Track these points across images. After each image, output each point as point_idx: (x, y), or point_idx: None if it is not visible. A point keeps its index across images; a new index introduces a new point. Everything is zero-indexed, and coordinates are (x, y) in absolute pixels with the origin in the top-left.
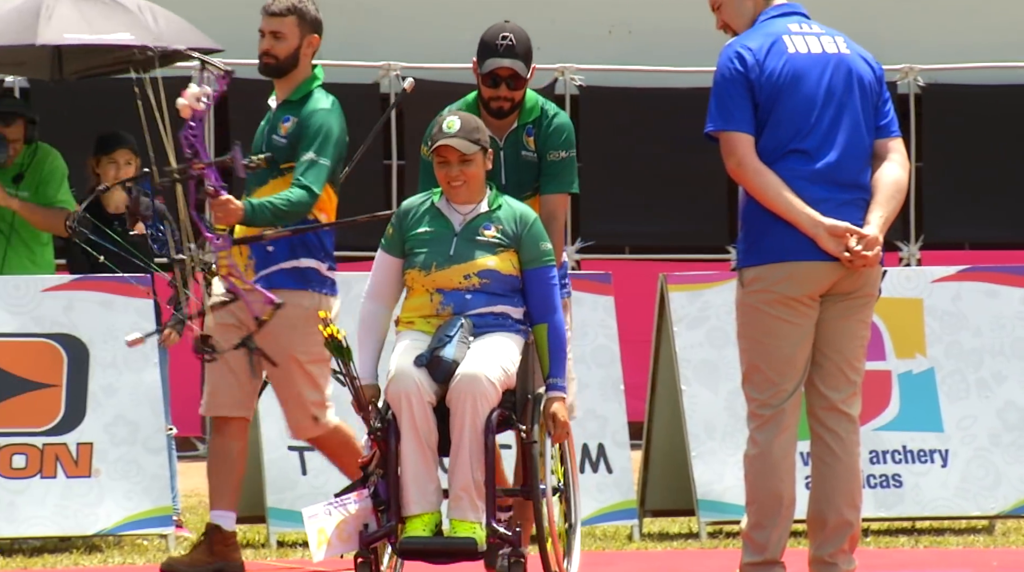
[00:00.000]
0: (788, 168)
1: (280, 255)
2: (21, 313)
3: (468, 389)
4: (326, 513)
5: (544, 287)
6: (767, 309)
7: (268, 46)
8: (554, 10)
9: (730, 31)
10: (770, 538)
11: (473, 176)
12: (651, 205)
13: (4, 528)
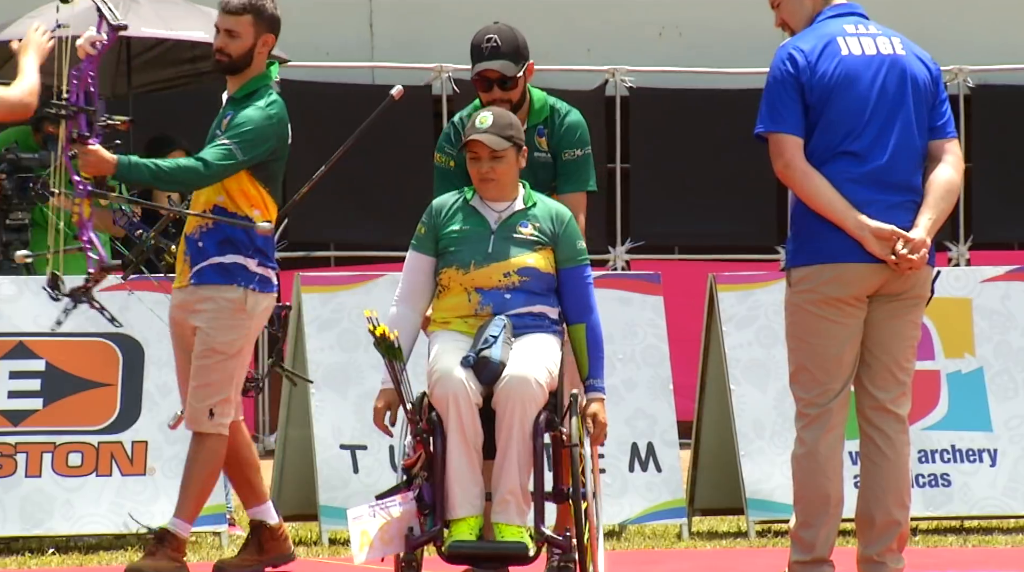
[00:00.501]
0: (837, 170)
1: (209, 251)
2: (77, 313)
3: (517, 391)
4: (370, 515)
5: (581, 286)
6: (814, 309)
7: (222, 44)
8: (605, 12)
9: (788, 29)
10: (818, 536)
11: (504, 173)
12: (700, 206)
13: (60, 526)
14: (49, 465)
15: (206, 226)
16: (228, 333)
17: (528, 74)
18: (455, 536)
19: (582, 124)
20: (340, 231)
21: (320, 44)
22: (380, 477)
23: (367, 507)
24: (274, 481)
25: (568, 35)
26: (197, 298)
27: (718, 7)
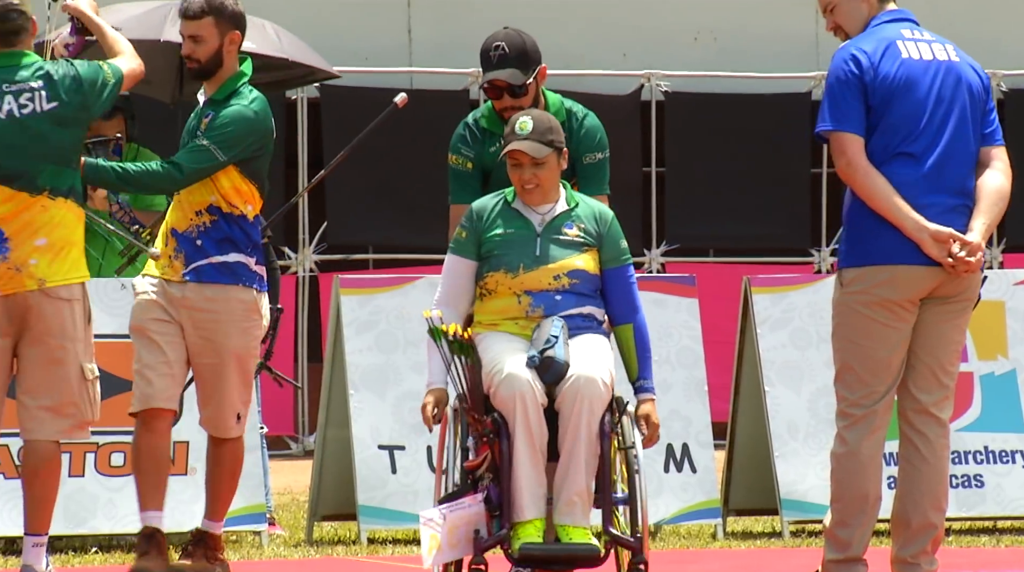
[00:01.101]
0: (895, 171)
1: (209, 250)
2: (120, 315)
3: (585, 392)
4: (441, 518)
5: (626, 286)
6: (865, 311)
7: (189, 50)
8: (640, 17)
9: (841, 33)
10: (853, 536)
11: (546, 179)
12: (735, 209)
13: (103, 525)
14: (92, 465)
15: (204, 224)
16: (243, 337)
17: (540, 78)
18: (523, 538)
19: (600, 127)
20: (378, 234)
21: (359, 50)
22: (418, 477)
23: (438, 510)
24: (313, 481)
25: (604, 40)
26: (202, 298)
27: (752, 12)
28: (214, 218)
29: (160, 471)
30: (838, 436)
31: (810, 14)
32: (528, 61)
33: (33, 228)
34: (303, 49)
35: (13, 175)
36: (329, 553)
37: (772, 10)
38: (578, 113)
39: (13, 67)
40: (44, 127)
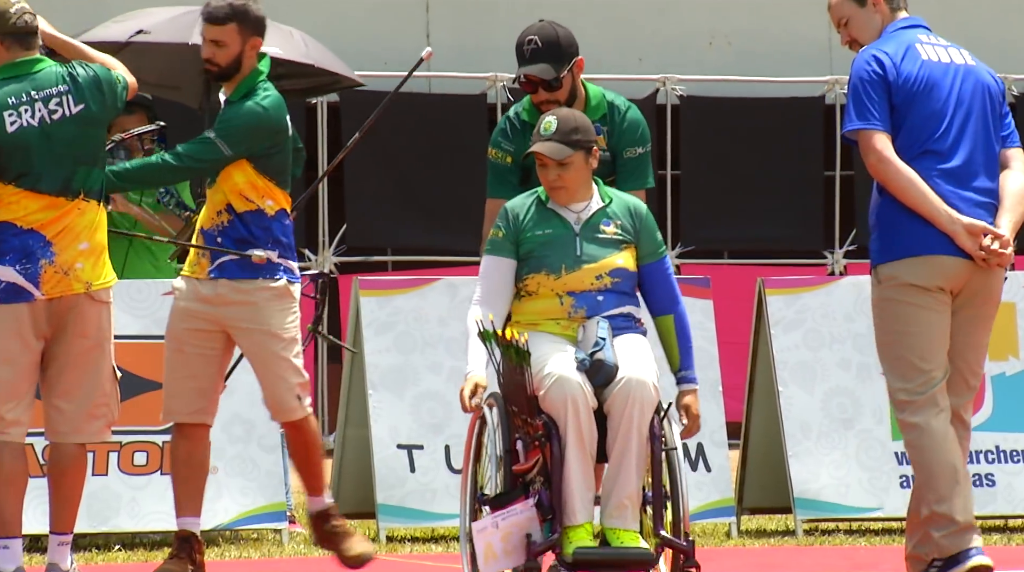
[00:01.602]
0: (923, 168)
1: (227, 245)
2: (142, 316)
3: (636, 395)
4: (494, 526)
5: (666, 277)
6: (904, 298)
7: (210, 54)
8: (656, 22)
9: (856, 46)
10: (954, 507)
11: (572, 179)
12: (749, 211)
13: (126, 523)
14: (115, 464)
15: (223, 224)
16: (281, 317)
17: (577, 70)
18: (575, 542)
19: (642, 121)
20: (397, 236)
21: (379, 54)
22: (436, 476)
23: (491, 518)
24: (333, 479)
25: (620, 44)
26: (232, 290)
27: (767, 17)
28: (231, 218)
29: (197, 477)
30: (905, 425)
31: (823, 19)
32: (561, 54)
33: (75, 232)
34: (328, 56)
35: (51, 181)
36: None
37: (786, 15)
38: (620, 107)
39: (37, 74)
40: (75, 130)
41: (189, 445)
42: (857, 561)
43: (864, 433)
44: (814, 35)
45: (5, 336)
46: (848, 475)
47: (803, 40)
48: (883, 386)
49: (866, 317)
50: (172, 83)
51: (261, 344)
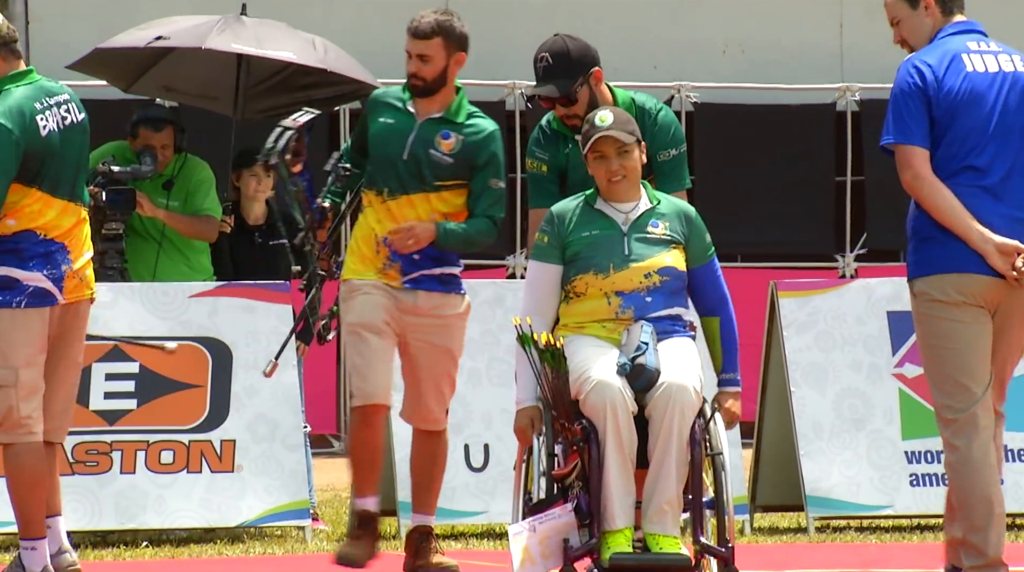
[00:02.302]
0: (960, 184)
1: (425, 262)
2: (169, 318)
3: (677, 399)
4: (531, 530)
5: (715, 279)
6: (939, 313)
7: (415, 68)
8: (670, 30)
9: (907, 47)
10: (988, 540)
11: (632, 169)
12: (762, 216)
13: (153, 520)
14: (143, 462)
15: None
16: (461, 336)
17: (594, 82)
18: (613, 547)
19: (674, 122)
20: None
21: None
22: (455, 475)
23: (527, 522)
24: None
25: (636, 52)
26: (430, 305)
27: (779, 26)
28: None
29: (375, 461)
30: (947, 445)
31: (835, 28)
32: (573, 69)
33: (82, 238)
34: (349, 63)
35: (64, 186)
36: None
37: (798, 23)
38: (651, 109)
39: (41, 82)
40: (81, 138)
41: (371, 429)
42: (868, 558)
43: (875, 433)
44: (825, 43)
45: (33, 340)
46: (859, 474)
47: (815, 48)
48: (893, 387)
49: (876, 319)
50: (212, 94)
51: (438, 361)
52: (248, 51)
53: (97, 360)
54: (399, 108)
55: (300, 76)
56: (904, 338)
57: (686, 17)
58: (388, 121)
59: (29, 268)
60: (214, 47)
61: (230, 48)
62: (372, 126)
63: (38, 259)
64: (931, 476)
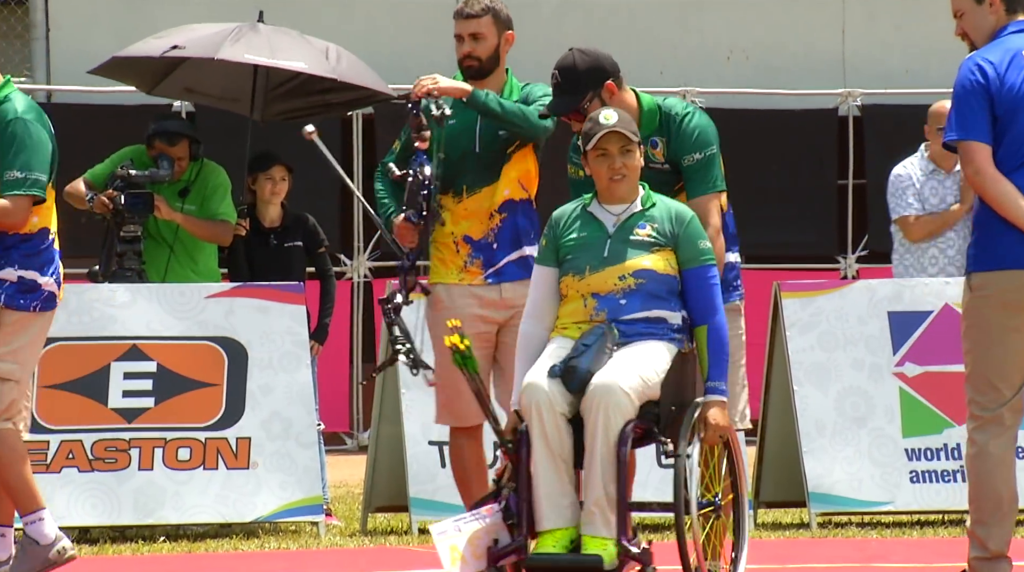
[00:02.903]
0: (1022, 180)
1: (506, 250)
2: (186, 318)
3: (601, 400)
4: (455, 529)
5: (703, 287)
6: (992, 314)
7: (470, 48)
8: (677, 37)
9: (967, 40)
10: (991, 534)
11: (633, 168)
12: (766, 218)
13: (170, 515)
14: (160, 459)
15: (496, 226)
16: None
17: (607, 94)
18: (539, 548)
19: (700, 125)
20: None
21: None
22: None
23: (451, 521)
24: (367, 474)
25: (643, 58)
26: (515, 294)
27: (783, 32)
28: (503, 216)
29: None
30: (969, 439)
31: (837, 34)
32: (580, 85)
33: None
34: (362, 70)
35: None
36: (382, 543)
37: (802, 30)
38: (676, 115)
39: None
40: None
41: (476, 446)
42: (869, 553)
43: (876, 431)
44: (829, 49)
45: (40, 342)
46: (861, 471)
47: (818, 54)
48: (894, 386)
49: (877, 319)
50: (232, 96)
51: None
52: (260, 62)
53: (115, 359)
54: (456, 104)
55: (316, 81)
56: (905, 338)
57: (692, 24)
58: (449, 121)
59: (45, 273)
60: (227, 58)
61: (243, 59)
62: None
63: (48, 264)
64: (931, 473)
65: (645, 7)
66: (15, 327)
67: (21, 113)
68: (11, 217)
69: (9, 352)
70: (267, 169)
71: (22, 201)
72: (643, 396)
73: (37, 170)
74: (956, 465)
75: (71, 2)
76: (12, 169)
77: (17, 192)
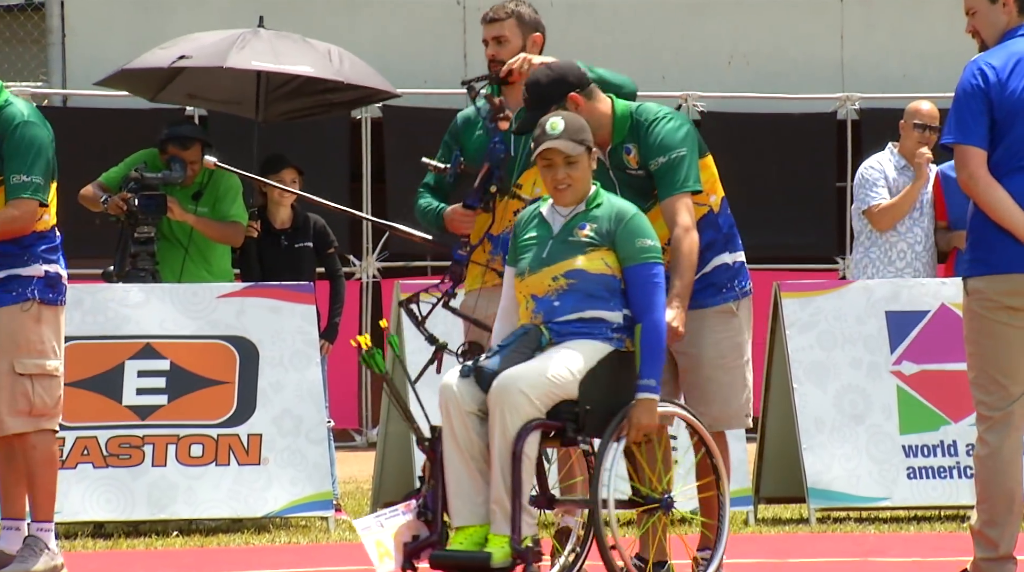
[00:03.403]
0: (1016, 184)
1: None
2: (198, 317)
3: (497, 400)
4: (378, 525)
5: (643, 285)
6: (992, 316)
7: (494, 52)
8: (679, 43)
9: (978, 38)
10: (1003, 535)
11: (579, 178)
12: (766, 219)
13: (183, 510)
14: (173, 455)
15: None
16: None
17: (573, 105)
18: (450, 544)
19: (666, 130)
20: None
21: (418, 72)
22: None
23: (373, 517)
24: (376, 470)
25: (646, 63)
26: None
27: (782, 38)
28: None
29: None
30: (979, 439)
31: (836, 40)
32: (544, 100)
33: None
34: (364, 71)
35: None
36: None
37: (801, 36)
38: (645, 121)
39: None
40: None
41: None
42: (867, 547)
43: (874, 428)
44: (827, 55)
45: (62, 335)
46: (859, 467)
47: (816, 59)
48: (891, 384)
49: (875, 319)
50: (235, 99)
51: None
52: (267, 68)
53: (129, 358)
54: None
55: (318, 82)
56: (902, 337)
57: (694, 30)
58: (479, 133)
59: (64, 266)
60: (235, 66)
61: (250, 66)
62: (469, 146)
63: (62, 256)
64: (927, 469)
65: (649, 14)
66: (51, 323)
67: (27, 117)
68: (18, 222)
69: (52, 348)
70: (278, 172)
71: (29, 205)
72: (550, 396)
73: (40, 174)
74: (952, 461)
75: (86, 8)
76: (19, 173)
77: (24, 196)
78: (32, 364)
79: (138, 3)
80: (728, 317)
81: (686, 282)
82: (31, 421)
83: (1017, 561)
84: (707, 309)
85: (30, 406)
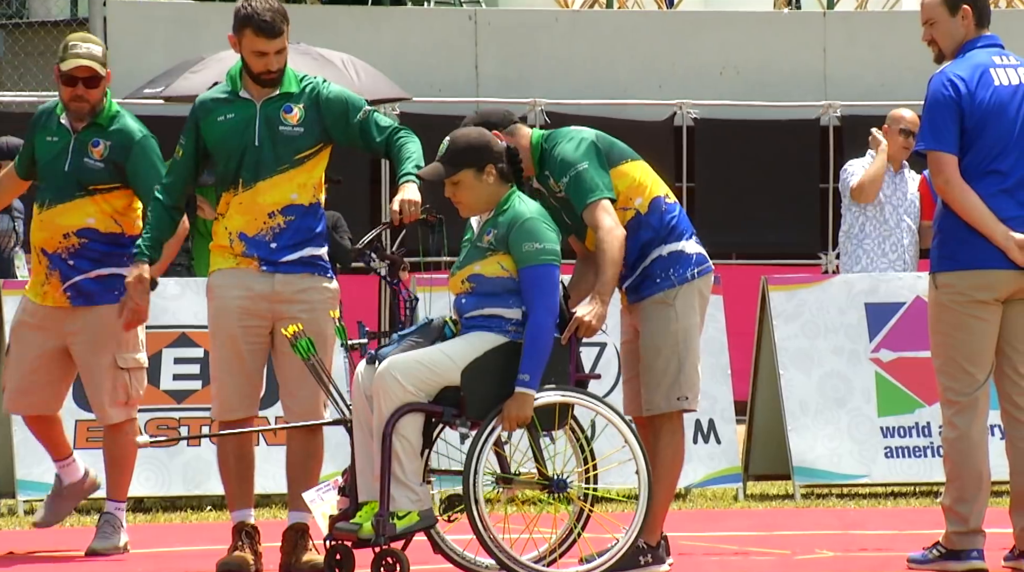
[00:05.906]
0: (986, 186)
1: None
2: None
3: (376, 385)
4: (320, 498)
5: (527, 286)
6: (961, 309)
7: (274, 64)
8: (674, 54)
9: (935, 47)
10: (972, 511)
11: (465, 196)
12: (754, 219)
13: (216, 487)
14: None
15: (278, 225)
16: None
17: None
18: (355, 519)
19: (560, 151)
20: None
21: (433, 82)
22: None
23: (315, 491)
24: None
25: (643, 74)
26: (291, 288)
27: (771, 50)
28: (291, 218)
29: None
30: (948, 423)
31: (819, 52)
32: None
33: None
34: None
35: None
36: None
37: (787, 49)
38: (548, 147)
39: None
40: None
41: (240, 441)
42: (848, 521)
43: (855, 411)
44: (812, 66)
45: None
46: (840, 447)
47: (801, 71)
48: (870, 370)
49: (855, 310)
50: None
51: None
52: None
53: (166, 346)
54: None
55: None
56: (880, 327)
57: (688, 43)
58: (228, 115)
59: None
60: None
61: None
62: (208, 132)
63: None
64: (903, 449)
65: (646, 28)
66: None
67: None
68: (183, 230)
69: (142, 342)
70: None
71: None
72: (427, 382)
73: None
74: (927, 442)
75: (128, 23)
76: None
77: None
78: (131, 358)
79: (175, 20)
80: (662, 307)
81: (606, 279)
82: (126, 410)
83: (985, 534)
84: (644, 301)
85: (127, 397)
